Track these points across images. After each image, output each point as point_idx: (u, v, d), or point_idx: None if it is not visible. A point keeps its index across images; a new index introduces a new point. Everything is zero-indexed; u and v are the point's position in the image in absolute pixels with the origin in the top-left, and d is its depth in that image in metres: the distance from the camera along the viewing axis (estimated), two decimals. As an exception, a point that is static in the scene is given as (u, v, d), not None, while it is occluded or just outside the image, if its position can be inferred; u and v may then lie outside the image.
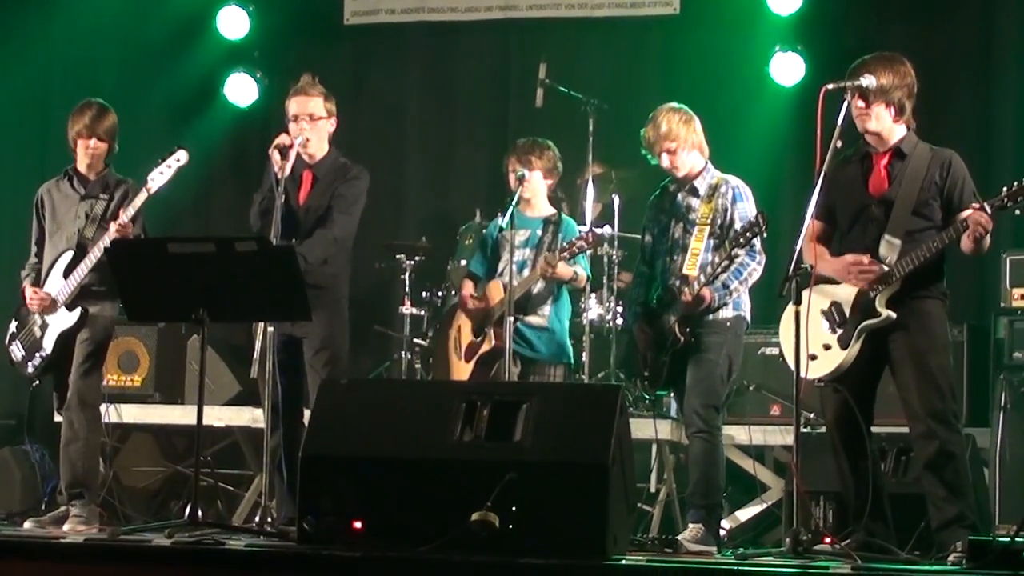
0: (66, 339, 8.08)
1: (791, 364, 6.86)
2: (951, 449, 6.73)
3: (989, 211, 6.61)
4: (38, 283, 8.19)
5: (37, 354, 8.14)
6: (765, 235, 7.56)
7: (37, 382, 8.36)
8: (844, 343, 6.89)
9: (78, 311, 8.04)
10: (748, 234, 7.50)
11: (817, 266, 6.99)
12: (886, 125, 6.95)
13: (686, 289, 7.58)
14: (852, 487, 6.96)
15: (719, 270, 7.60)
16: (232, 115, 11.56)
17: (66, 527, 7.87)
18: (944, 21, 10.44)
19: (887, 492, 7.05)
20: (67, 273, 8.06)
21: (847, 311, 6.93)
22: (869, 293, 6.84)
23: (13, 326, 8.28)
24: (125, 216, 7.91)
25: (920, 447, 6.83)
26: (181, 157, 8.05)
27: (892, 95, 6.89)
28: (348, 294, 8.10)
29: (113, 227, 7.88)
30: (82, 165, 8.27)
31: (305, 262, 7.48)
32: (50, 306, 8.08)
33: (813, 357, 6.90)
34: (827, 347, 6.94)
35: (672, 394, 8.24)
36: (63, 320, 8.08)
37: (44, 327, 8.11)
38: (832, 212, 7.09)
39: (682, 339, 7.63)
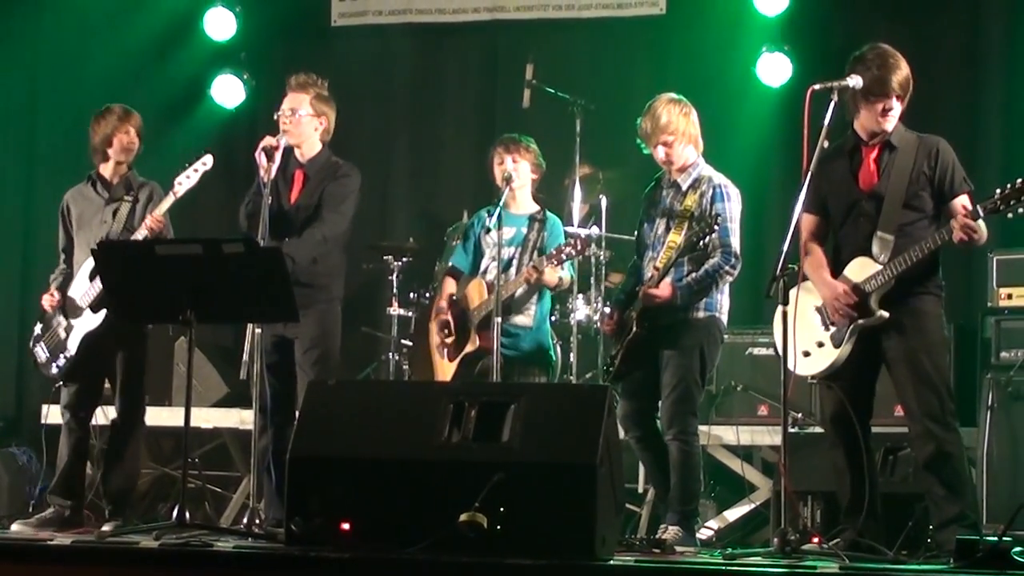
0: (90, 341, 8.10)
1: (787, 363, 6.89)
2: (949, 449, 6.74)
3: (982, 214, 6.62)
4: (64, 288, 8.22)
5: (61, 355, 8.17)
6: (711, 233, 7.51)
7: (61, 383, 8.37)
8: (837, 341, 6.90)
9: (102, 313, 8.04)
10: (702, 232, 7.48)
11: (809, 270, 6.99)
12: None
13: (646, 285, 7.59)
14: (848, 484, 6.94)
15: (678, 261, 7.57)
16: (219, 116, 11.56)
17: (106, 527, 7.90)
18: (930, 21, 10.46)
19: (879, 491, 7.05)
20: (93, 276, 8.07)
21: (831, 316, 6.93)
22: (863, 289, 6.84)
23: (38, 328, 8.34)
24: (156, 214, 7.95)
25: (918, 447, 6.84)
26: (207, 161, 8.12)
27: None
28: (342, 295, 8.10)
29: (144, 226, 7.91)
30: (108, 167, 8.33)
31: (292, 262, 7.48)
32: (72, 309, 8.11)
33: (807, 354, 6.93)
34: (820, 344, 6.94)
35: (622, 387, 7.97)
36: (87, 322, 8.10)
37: (69, 329, 8.15)
38: (825, 206, 7.08)
39: (635, 330, 7.61)
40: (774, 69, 10.42)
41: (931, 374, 6.78)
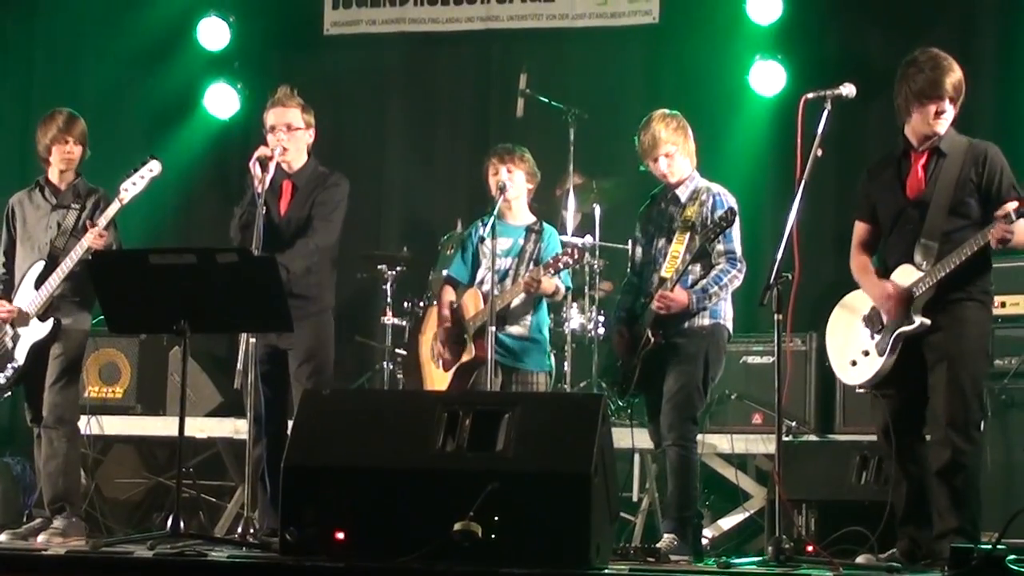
0: (38, 350, 8.08)
1: (836, 369, 7.02)
2: (963, 460, 6.68)
3: (1015, 217, 6.54)
4: (7, 295, 8.17)
5: (9, 365, 8.11)
6: (732, 227, 7.55)
7: (8, 393, 8.33)
8: (881, 350, 6.87)
9: (51, 322, 8.03)
10: (717, 228, 7.50)
11: (857, 275, 7.02)
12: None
13: (660, 290, 7.58)
14: (904, 494, 6.88)
15: (687, 269, 7.58)
16: (212, 126, 11.57)
17: (40, 538, 7.86)
18: (924, 30, 10.44)
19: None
20: (39, 284, 8.04)
21: (885, 317, 6.93)
22: (912, 293, 6.80)
23: None
24: (99, 225, 7.90)
25: (934, 453, 6.78)
26: (154, 168, 8.05)
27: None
28: (334, 304, 8.09)
29: (88, 236, 7.87)
30: (55, 173, 8.29)
31: (287, 272, 7.48)
32: (20, 318, 8.06)
33: (854, 363, 6.95)
34: (866, 353, 6.93)
35: (645, 401, 8.09)
36: (35, 331, 8.06)
37: (16, 338, 8.09)
38: (876, 213, 7.06)
39: (653, 340, 7.61)
40: (767, 78, 10.43)
41: (963, 383, 6.71)
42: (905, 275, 6.86)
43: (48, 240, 8.17)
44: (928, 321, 6.77)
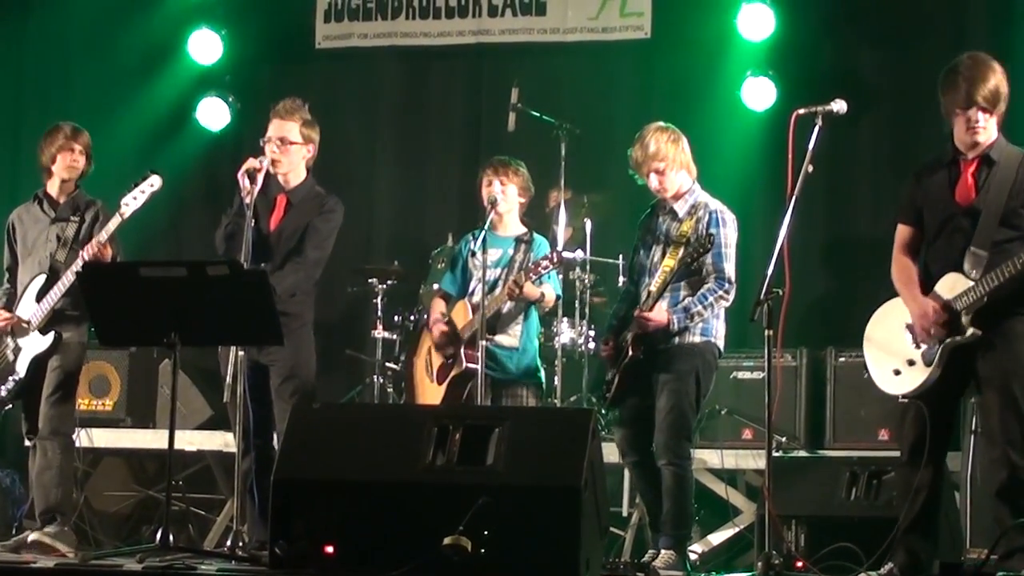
0: (39, 363, 8.08)
1: (875, 378, 6.88)
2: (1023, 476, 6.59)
3: None
4: (9, 308, 8.17)
5: (10, 378, 8.12)
6: (706, 254, 7.53)
7: (10, 406, 8.33)
8: (928, 360, 6.71)
9: (51, 335, 8.04)
10: (695, 252, 7.50)
11: (898, 284, 6.88)
12: (992, 133, 6.74)
13: (640, 309, 7.59)
14: (920, 504, 6.72)
15: (675, 286, 7.58)
16: (204, 139, 11.57)
17: (31, 537, 7.85)
18: (914, 46, 10.49)
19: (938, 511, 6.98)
20: (40, 297, 8.05)
21: (920, 336, 6.77)
22: (954, 307, 6.67)
23: None
24: (100, 239, 7.91)
25: (992, 472, 6.68)
26: (155, 182, 8.06)
27: (1005, 101, 6.73)
28: (314, 319, 8.06)
29: (88, 250, 7.88)
30: (55, 185, 8.30)
31: (275, 291, 7.46)
32: (21, 329, 8.06)
33: (897, 372, 6.80)
34: (911, 363, 6.77)
35: (619, 409, 7.99)
36: (36, 344, 8.06)
37: (17, 351, 8.10)
38: (921, 218, 6.90)
39: (631, 354, 7.60)
40: (758, 93, 10.46)
41: (1019, 399, 6.57)
42: (952, 283, 6.68)
43: (49, 253, 8.18)
44: (979, 332, 6.60)
